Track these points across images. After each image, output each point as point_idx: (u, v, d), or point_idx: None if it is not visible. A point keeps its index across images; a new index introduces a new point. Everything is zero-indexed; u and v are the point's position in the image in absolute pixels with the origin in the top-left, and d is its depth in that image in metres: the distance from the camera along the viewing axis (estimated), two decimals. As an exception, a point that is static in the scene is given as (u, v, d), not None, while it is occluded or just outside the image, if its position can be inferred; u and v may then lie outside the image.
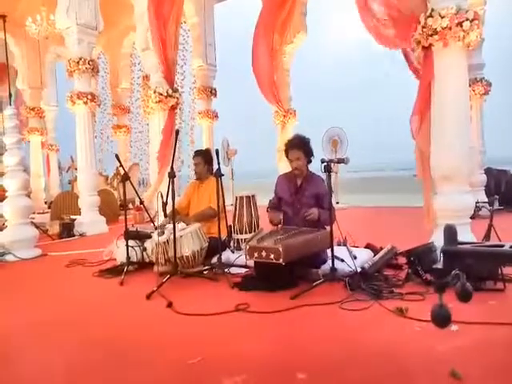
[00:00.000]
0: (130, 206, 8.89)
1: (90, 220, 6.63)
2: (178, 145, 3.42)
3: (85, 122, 6.69)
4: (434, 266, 2.90)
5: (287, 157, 3.38)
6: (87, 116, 6.73)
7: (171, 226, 3.32)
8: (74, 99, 6.58)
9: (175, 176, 3.34)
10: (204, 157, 4.09)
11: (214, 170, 3.55)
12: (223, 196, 3.60)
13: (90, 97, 6.63)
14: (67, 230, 6.37)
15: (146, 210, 4.41)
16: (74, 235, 6.38)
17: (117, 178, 9.87)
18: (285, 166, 6.09)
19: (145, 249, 3.84)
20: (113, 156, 4.41)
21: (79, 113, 6.68)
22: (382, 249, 3.48)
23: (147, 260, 3.83)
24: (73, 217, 6.78)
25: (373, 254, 3.48)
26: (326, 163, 2.89)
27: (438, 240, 3.07)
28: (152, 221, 4.13)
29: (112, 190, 9.39)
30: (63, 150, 12.63)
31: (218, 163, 3.49)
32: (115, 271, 3.70)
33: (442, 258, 2.78)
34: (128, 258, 3.65)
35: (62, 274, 3.98)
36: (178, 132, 3.47)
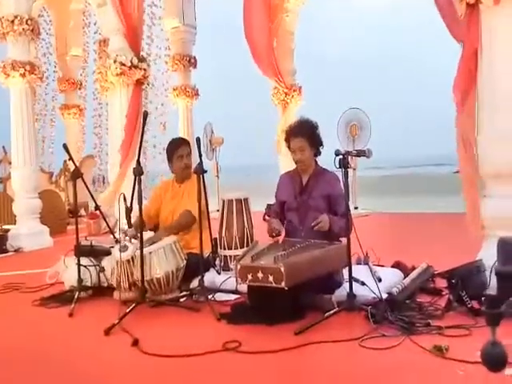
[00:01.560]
0: (83, 211, 8.84)
1: (28, 231, 6.59)
2: (145, 131, 3.42)
3: (22, 101, 6.66)
4: (484, 292, 2.91)
5: (288, 147, 3.45)
6: (25, 93, 6.70)
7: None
8: (7, 70, 6.52)
9: (142, 173, 3.33)
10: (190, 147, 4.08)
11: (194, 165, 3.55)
12: (206, 199, 3.60)
13: (28, 67, 6.58)
14: (-2, 243, 6.32)
15: (104, 218, 4.40)
16: (7, 251, 6.33)
17: (65, 175, 9.84)
18: (288, 161, 6.08)
19: (102, 269, 3.83)
20: (60, 146, 4.38)
21: (14, 88, 6.66)
22: (414, 268, 3.50)
23: (105, 284, 3.83)
24: (5, 226, 6.75)
25: (403, 276, 3.50)
26: (341, 156, 2.90)
27: (488, 257, 3.08)
28: (111, 232, 4.11)
29: (58, 190, 9.35)
30: (-8, 137, 12.55)
31: (200, 155, 3.49)
32: (63, 299, 3.69)
33: (494, 281, 2.79)
34: (80, 281, 3.64)
35: (-8, 303, 3.95)
36: (146, 114, 3.47)
